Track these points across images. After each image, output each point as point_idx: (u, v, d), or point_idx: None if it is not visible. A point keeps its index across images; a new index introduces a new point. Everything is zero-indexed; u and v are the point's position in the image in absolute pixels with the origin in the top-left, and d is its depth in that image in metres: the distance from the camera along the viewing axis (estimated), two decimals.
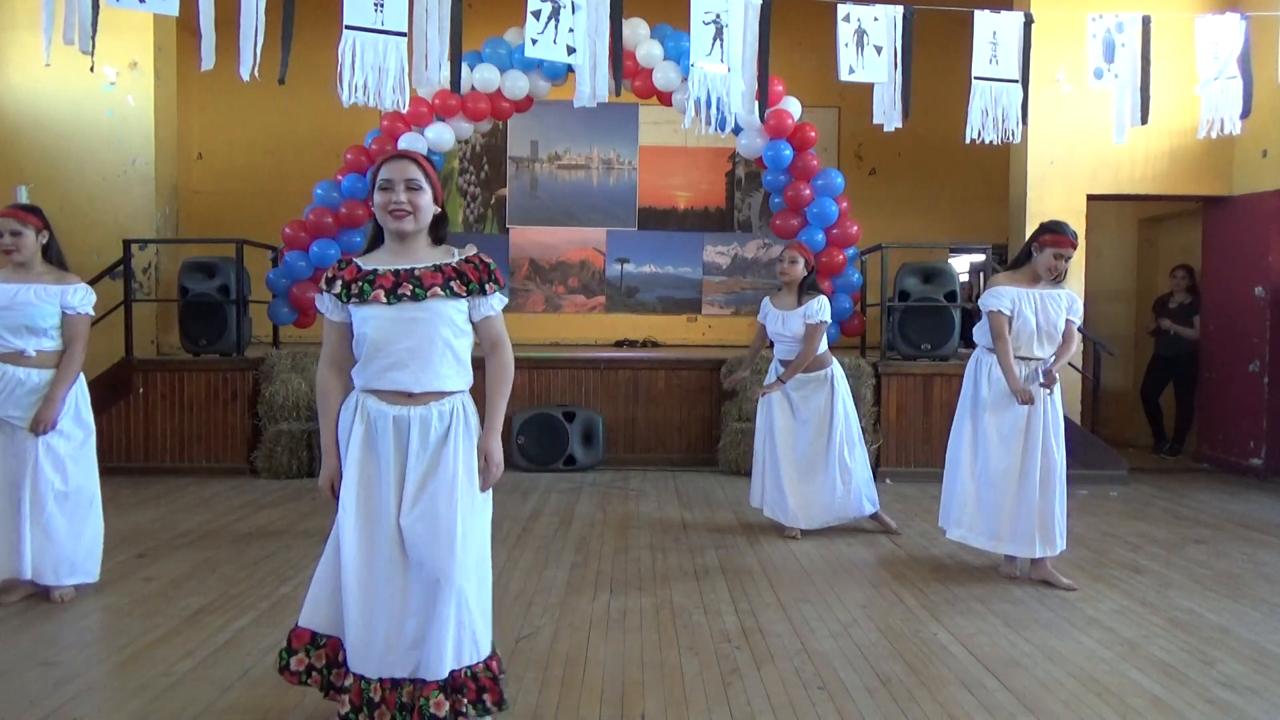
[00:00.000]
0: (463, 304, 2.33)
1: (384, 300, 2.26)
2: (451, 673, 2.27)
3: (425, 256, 2.35)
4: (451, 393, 2.34)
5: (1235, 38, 5.38)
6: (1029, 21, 5.29)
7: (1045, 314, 3.97)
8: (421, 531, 2.26)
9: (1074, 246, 3.91)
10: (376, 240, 2.42)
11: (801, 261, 4.71)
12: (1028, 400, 3.92)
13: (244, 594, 3.76)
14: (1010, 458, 4.00)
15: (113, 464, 6.28)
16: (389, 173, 2.31)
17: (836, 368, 4.85)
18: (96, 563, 3.73)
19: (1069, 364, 4.25)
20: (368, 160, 7.20)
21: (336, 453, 2.37)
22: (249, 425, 6.58)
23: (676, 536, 4.86)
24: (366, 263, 2.35)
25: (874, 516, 4.94)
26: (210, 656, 3.07)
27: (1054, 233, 3.90)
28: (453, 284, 2.30)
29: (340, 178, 7.23)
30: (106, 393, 6.42)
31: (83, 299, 3.66)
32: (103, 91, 7.18)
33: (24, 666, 2.98)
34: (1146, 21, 5.38)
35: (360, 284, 2.29)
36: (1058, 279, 3.99)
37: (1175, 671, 3.03)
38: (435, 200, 2.38)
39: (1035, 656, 3.15)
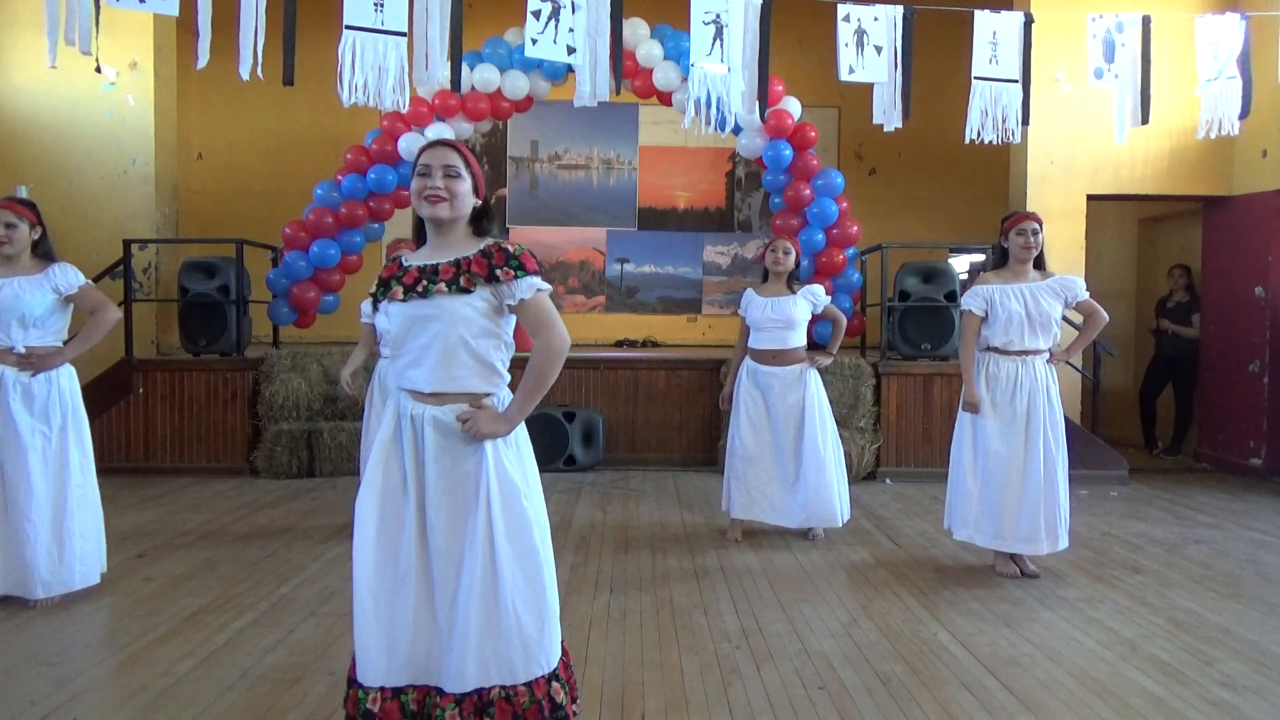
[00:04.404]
0: (477, 299, 2.16)
1: (401, 297, 2.19)
2: (480, 691, 2.12)
3: (460, 250, 2.22)
4: (479, 395, 2.20)
5: (1235, 38, 5.39)
6: (1029, 21, 5.30)
7: (1036, 305, 4.01)
8: (445, 539, 2.16)
9: (1034, 219, 4.04)
10: (422, 237, 2.34)
11: (794, 253, 4.68)
12: (973, 410, 4.08)
13: (244, 594, 3.76)
14: (1011, 456, 4.02)
15: (113, 464, 6.29)
16: (428, 159, 2.23)
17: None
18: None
19: (1069, 364, 4.26)
20: (368, 160, 7.20)
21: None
22: (249, 425, 6.58)
23: (676, 536, 4.86)
24: (410, 259, 2.27)
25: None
26: (210, 656, 3.07)
27: (1010, 217, 4.11)
28: (461, 279, 2.16)
29: (340, 178, 7.23)
30: (106, 393, 6.43)
31: (70, 275, 3.64)
32: (103, 91, 7.18)
33: (24, 666, 2.98)
34: (1146, 21, 5.38)
35: (392, 280, 2.23)
36: (1038, 259, 4.07)
37: (1175, 671, 3.03)
38: (477, 192, 2.28)
39: (1035, 656, 3.15)
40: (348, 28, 4.61)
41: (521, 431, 2.29)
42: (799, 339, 4.65)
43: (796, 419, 4.60)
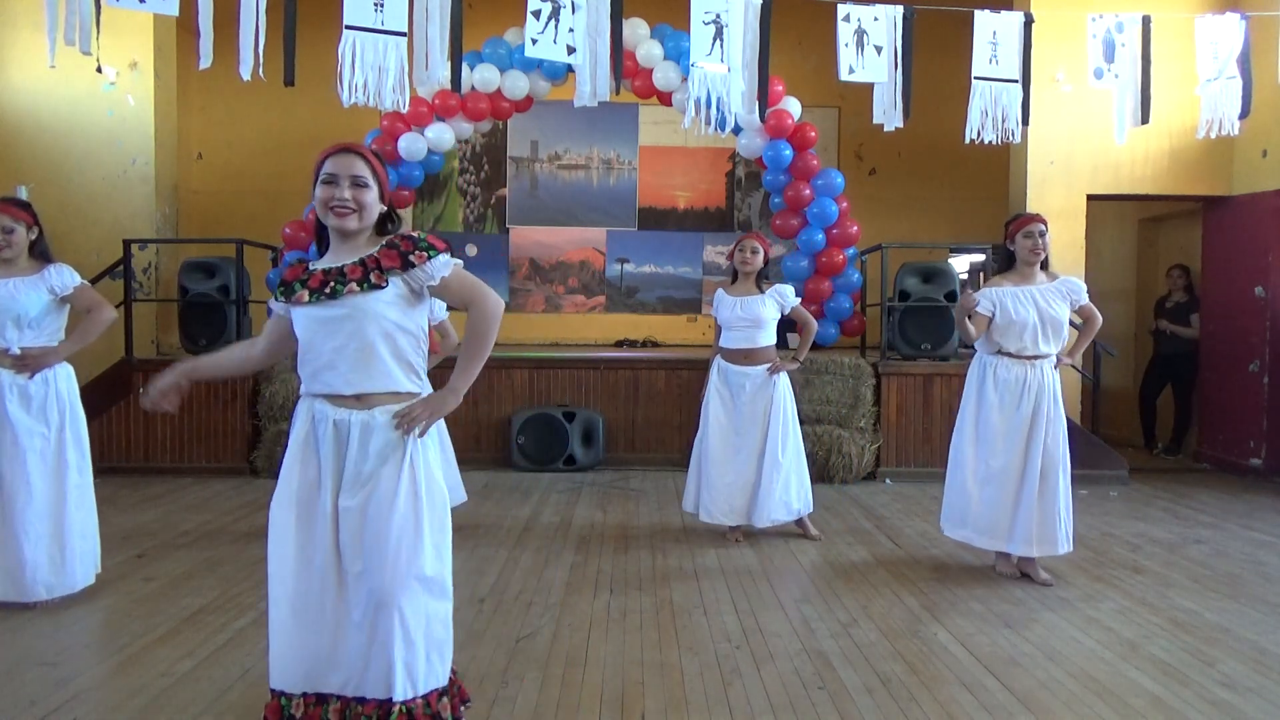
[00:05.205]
0: (390, 293, 2.13)
1: (307, 300, 2.15)
2: (384, 701, 2.12)
3: (365, 252, 2.18)
4: (403, 394, 2.18)
5: (1235, 38, 5.39)
6: (1029, 21, 5.30)
7: (1049, 309, 4.00)
8: (363, 544, 2.13)
9: (1039, 221, 4.03)
10: (324, 239, 2.28)
11: (762, 252, 4.66)
12: (969, 304, 4.04)
13: (244, 594, 3.76)
14: (1011, 456, 4.02)
15: (113, 464, 6.29)
16: (333, 166, 2.16)
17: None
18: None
19: (1070, 365, 4.26)
20: None
21: (188, 368, 2.31)
22: (249, 425, 6.58)
23: (676, 536, 4.86)
24: (315, 263, 2.23)
25: (798, 522, 4.79)
26: (210, 656, 3.07)
27: (1016, 219, 4.09)
28: (372, 275, 2.12)
29: None
30: (106, 393, 6.43)
31: (66, 275, 3.62)
32: (103, 91, 7.18)
33: (24, 666, 2.98)
34: (1146, 21, 5.38)
35: (295, 283, 2.19)
36: (1044, 261, 4.07)
37: (1175, 671, 3.03)
38: (382, 198, 2.23)
39: (1035, 656, 3.15)
40: (348, 28, 4.62)
41: (432, 437, 2.24)
42: (768, 338, 4.67)
43: (763, 423, 4.63)
